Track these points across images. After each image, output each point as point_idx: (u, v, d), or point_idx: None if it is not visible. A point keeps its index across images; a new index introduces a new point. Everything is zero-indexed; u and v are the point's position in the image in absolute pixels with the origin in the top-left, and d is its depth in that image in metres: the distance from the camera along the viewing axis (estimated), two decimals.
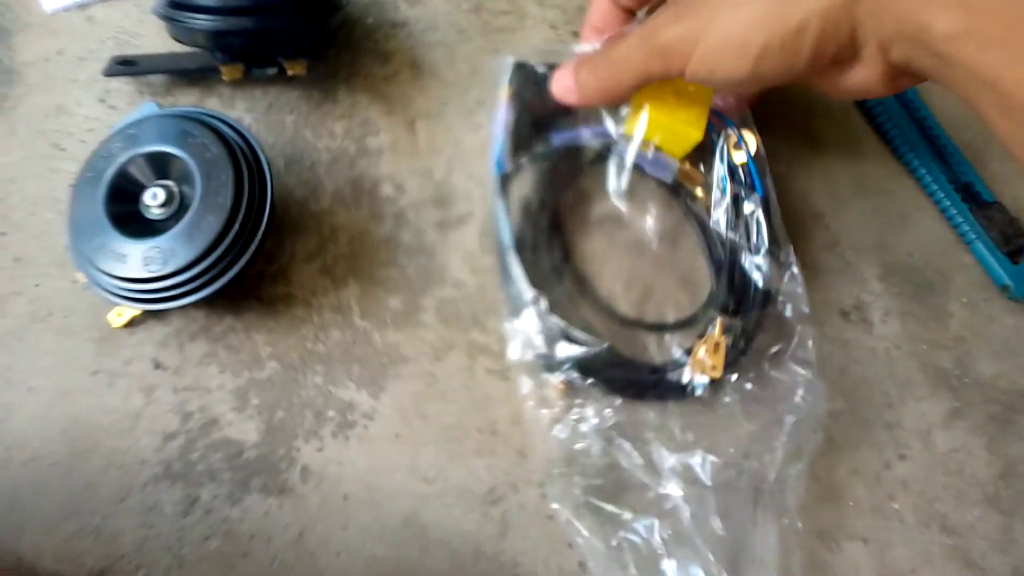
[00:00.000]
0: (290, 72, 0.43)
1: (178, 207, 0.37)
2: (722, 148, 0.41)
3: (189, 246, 0.36)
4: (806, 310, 0.40)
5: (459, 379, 0.41)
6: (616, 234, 0.44)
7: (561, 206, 0.44)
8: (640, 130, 0.38)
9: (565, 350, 0.38)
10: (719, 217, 0.41)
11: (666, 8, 0.33)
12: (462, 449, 0.39)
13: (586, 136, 0.42)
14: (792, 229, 0.45)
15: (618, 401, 0.39)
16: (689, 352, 0.40)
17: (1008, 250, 0.45)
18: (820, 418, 0.39)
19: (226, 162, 0.37)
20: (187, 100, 0.45)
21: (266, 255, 0.42)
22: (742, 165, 0.41)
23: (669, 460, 0.38)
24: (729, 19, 0.29)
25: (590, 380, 0.39)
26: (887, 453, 0.41)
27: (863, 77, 0.30)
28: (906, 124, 0.47)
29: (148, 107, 0.43)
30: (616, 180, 0.40)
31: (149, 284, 0.36)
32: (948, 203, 0.46)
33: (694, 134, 0.38)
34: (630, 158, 0.39)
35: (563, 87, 0.37)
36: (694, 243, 0.44)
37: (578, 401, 0.39)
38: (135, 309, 0.38)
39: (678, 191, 0.44)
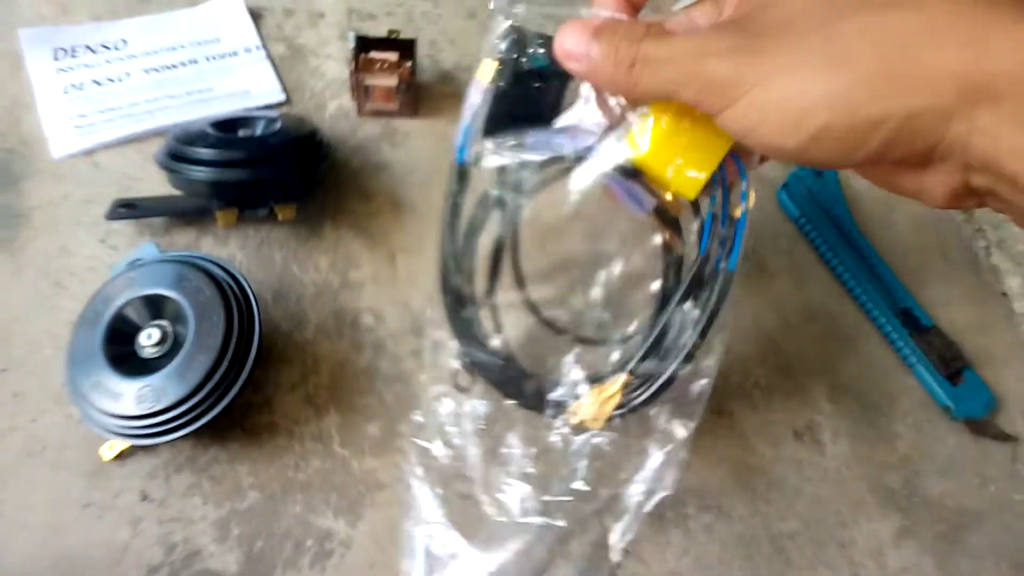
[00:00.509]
0: (280, 217, 0.47)
1: (171, 346, 0.40)
2: (722, 194, 0.36)
3: (180, 384, 0.38)
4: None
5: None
6: (570, 240, 0.42)
7: (516, 206, 0.40)
8: (640, 149, 0.32)
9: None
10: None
11: (727, 29, 0.26)
12: None
13: (565, 145, 0.35)
14: (746, 353, 0.49)
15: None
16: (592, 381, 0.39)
17: (948, 373, 0.48)
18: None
19: (218, 304, 0.40)
20: (184, 240, 0.49)
21: (252, 385, 0.44)
22: (733, 220, 0.37)
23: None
24: (794, 81, 0.24)
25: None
26: (842, 572, 0.43)
27: (926, 186, 0.26)
28: (846, 253, 0.52)
29: (147, 248, 0.47)
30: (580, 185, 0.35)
31: (141, 420, 0.38)
32: (889, 328, 0.50)
33: (700, 179, 0.33)
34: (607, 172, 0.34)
35: (572, 50, 0.29)
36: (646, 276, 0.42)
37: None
38: (126, 443, 0.40)
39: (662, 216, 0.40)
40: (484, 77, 0.36)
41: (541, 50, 0.34)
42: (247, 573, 0.40)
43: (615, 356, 0.41)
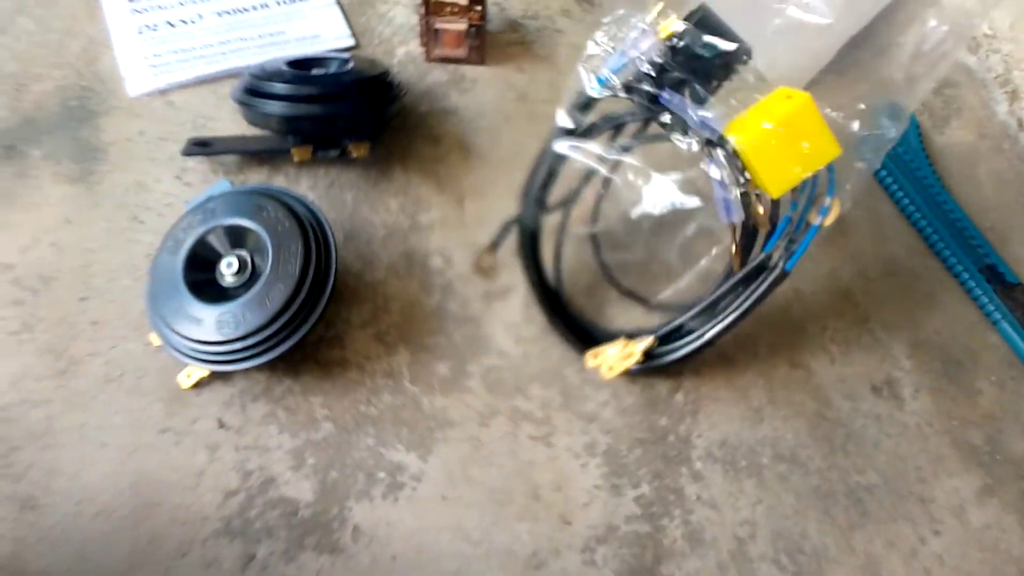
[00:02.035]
0: (354, 154, 0.46)
1: (250, 276, 0.40)
2: (805, 200, 0.40)
3: (259, 311, 0.39)
4: None
5: (503, 444, 0.42)
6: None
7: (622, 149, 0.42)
8: (749, 139, 0.36)
9: None
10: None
11: None
12: (506, 513, 0.41)
13: (691, 117, 0.37)
14: (822, 306, 0.47)
15: None
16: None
17: None
18: None
19: (296, 235, 0.40)
20: (256, 178, 0.49)
21: (324, 321, 0.44)
22: (807, 226, 0.40)
23: None
24: None
25: None
26: (922, 528, 0.42)
27: None
28: (929, 208, 0.50)
29: (222, 184, 0.47)
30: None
31: (221, 346, 0.39)
32: (973, 284, 0.48)
33: (796, 175, 0.36)
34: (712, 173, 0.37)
35: None
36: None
37: None
38: (205, 370, 0.41)
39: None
40: (661, 31, 0.37)
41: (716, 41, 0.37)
42: (321, 501, 0.40)
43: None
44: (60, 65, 0.52)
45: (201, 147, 0.48)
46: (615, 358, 0.43)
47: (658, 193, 0.39)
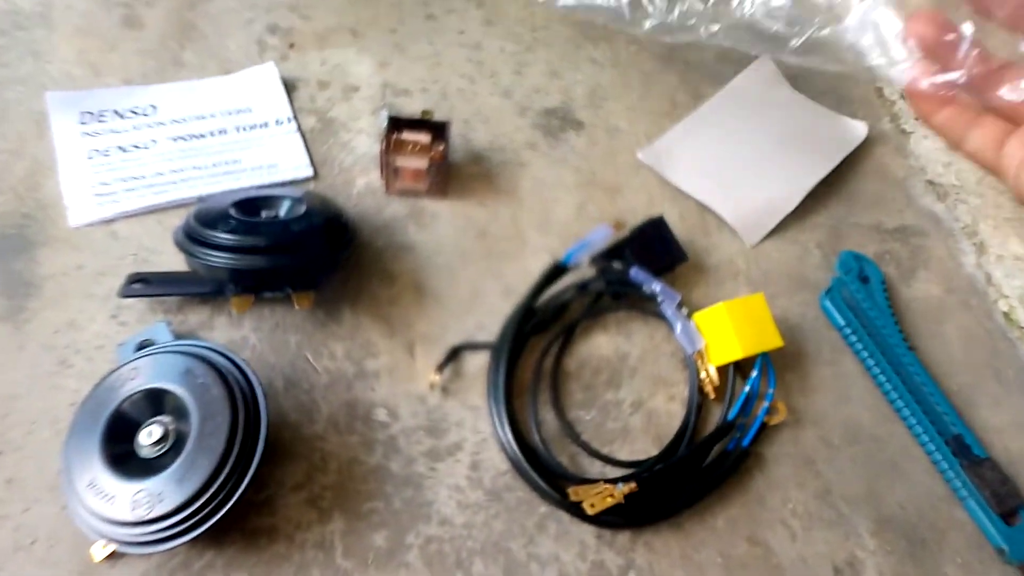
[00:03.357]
0: (297, 306, 0.44)
1: (172, 444, 0.38)
2: (749, 396, 0.47)
3: (178, 490, 0.36)
4: None
5: None
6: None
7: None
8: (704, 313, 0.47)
9: None
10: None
11: None
12: None
13: (656, 288, 0.49)
14: (783, 475, 0.45)
15: None
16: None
17: (1002, 511, 0.44)
18: None
19: (224, 404, 0.38)
20: (197, 318, 0.47)
21: (254, 484, 0.42)
22: (752, 415, 0.47)
23: None
24: None
25: None
26: None
27: None
28: (894, 371, 0.48)
29: (158, 328, 0.45)
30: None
31: (133, 528, 0.36)
32: (939, 456, 0.46)
33: (737, 352, 0.46)
34: (669, 311, 0.48)
35: (925, 89, 0.39)
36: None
37: None
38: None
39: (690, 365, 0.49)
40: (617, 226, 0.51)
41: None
42: None
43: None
44: (1, 190, 0.50)
45: (140, 286, 0.46)
46: (598, 498, 0.41)
47: None
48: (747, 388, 0.46)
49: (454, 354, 0.48)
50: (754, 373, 0.46)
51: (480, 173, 0.57)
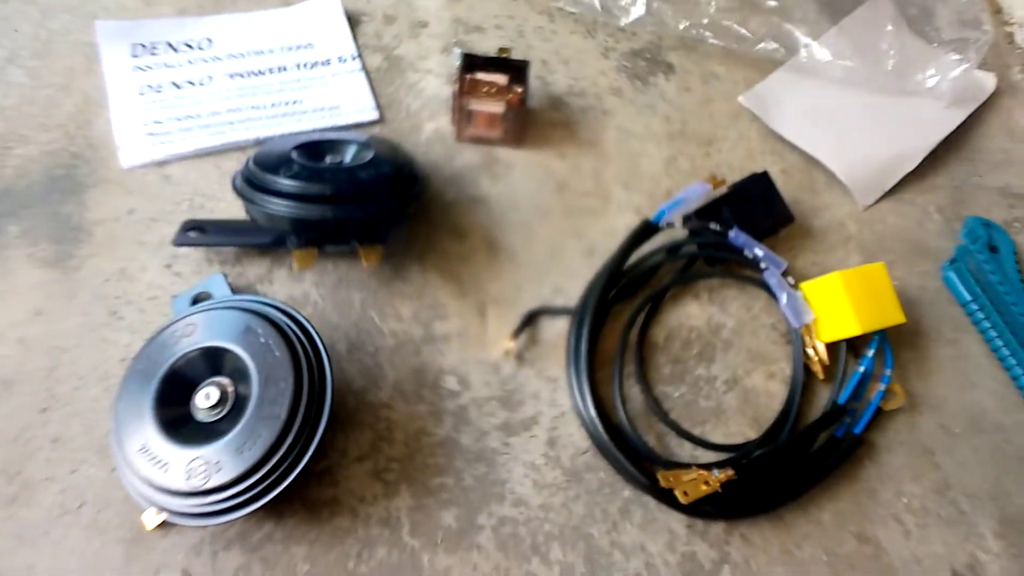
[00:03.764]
0: (364, 262, 0.40)
1: (230, 408, 0.35)
2: (863, 377, 0.42)
3: (237, 460, 0.33)
4: None
5: None
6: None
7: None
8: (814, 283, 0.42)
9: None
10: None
11: None
12: None
13: (759, 252, 0.44)
14: (898, 465, 0.41)
15: None
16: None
17: None
18: None
19: (288, 367, 0.34)
20: (255, 271, 0.43)
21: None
22: (865, 399, 0.42)
23: None
24: None
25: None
26: None
27: None
28: None
29: (215, 280, 0.41)
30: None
31: (189, 498, 0.33)
32: None
33: (854, 328, 0.40)
34: (773, 280, 0.43)
35: None
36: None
37: None
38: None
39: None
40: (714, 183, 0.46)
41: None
42: None
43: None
44: (49, 127, 0.47)
45: (195, 234, 0.42)
46: (692, 485, 0.37)
47: None
48: (861, 368, 0.41)
49: (530, 319, 0.43)
50: (869, 352, 0.41)
51: (559, 121, 0.51)
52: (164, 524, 0.36)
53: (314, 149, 0.42)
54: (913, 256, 0.47)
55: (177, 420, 0.34)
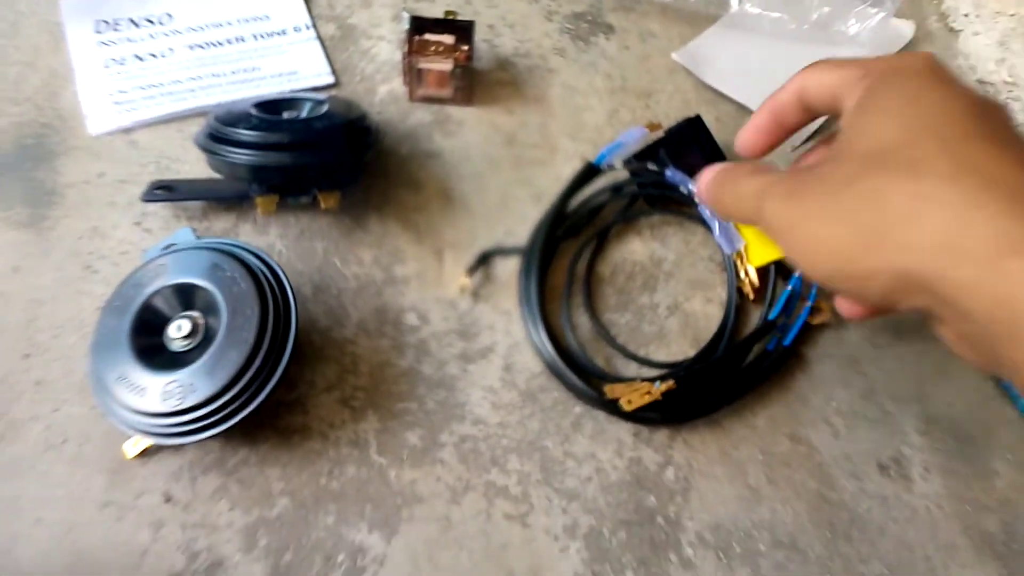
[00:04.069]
0: (323, 206, 0.43)
1: (202, 339, 0.37)
2: (791, 296, 0.45)
3: (209, 381, 0.35)
4: None
5: (475, 524, 0.39)
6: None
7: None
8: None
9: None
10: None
11: (793, 175, 0.31)
12: None
13: (688, 185, 0.45)
14: (827, 374, 0.44)
15: None
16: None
17: None
18: None
19: (253, 297, 0.37)
20: (221, 225, 0.46)
21: (286, 384, 0.41)
22: (794, 316, 0.45)
23: None
24: (815, 228, 0.28)
25: None
26: None
27: (948, 338, 0.30)
28: None
29: (183, 233, 0.44)
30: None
31: (166, 419, 0.35)
32: None
33: (778, 250, 0.39)
34: (707, 212, 0.42)
35: (701, 185, 0.37)
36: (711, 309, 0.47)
37: None
38: (150, 442, 0.37)
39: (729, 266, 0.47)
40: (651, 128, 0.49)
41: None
42: None
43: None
44: (18, 100, 0.49)
45: (163, 192, 0.45)
46: (635, 394, 0.40)
47: None
48: (789, 288, 0.45)
49: (484, 259, 0.46)
50: (797, 272, 0.45)
51: (507, 80, 0.55)
52: (144, 453, 0.39)
53: (272, 106, 0.45)
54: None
55: (151, 350, 0.37)
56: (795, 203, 0.29)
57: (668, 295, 0.47)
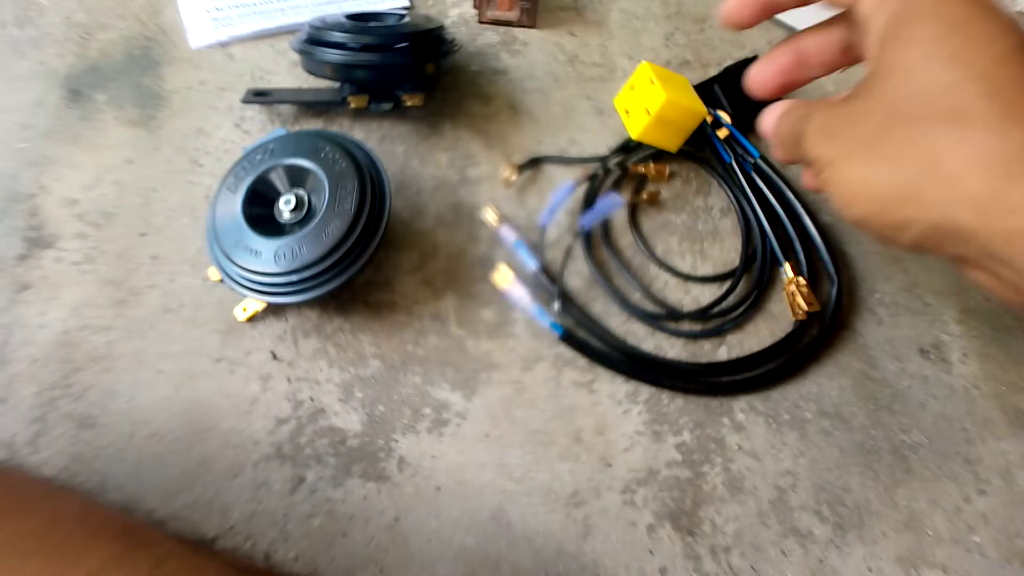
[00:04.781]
0: (408, 103, 0.47)
1: (306, 213, 0.42)
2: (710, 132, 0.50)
3: (315, 246, 0.40)
4: None
5: (546, 388, 0.43)
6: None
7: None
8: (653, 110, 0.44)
9: None
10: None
11: (832, 109, 0.30)
12: (548, 453, 0.41)
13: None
14: (871, 270, 0.47)
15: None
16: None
17: None
18: None
19: (352, 175, 0.41)
20: (312, 128, 0.50)
21: (374, 266, 0.45)
22: (726, 137, 0.50)
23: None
24: (853, 168, 0.28)
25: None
26: (967, 487, 0.41)
27: (983, 282, 0.29)
28: None
29: (278, 133, 0.48)
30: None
31: (278, 278, 0.40)
32: None
33: (701, 108, 0.45)
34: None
35: (765, 123, 0.36)
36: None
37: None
38: (261, 302, 0.42)
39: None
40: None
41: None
42: (369, 432, 0.41)
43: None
44: (125, 16, 0.54)
45: (260, 96, 0.49)
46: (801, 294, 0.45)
47: None
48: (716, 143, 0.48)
49: (535, 161, 0.50)
50: None
51: (569, 5, 0.58)
52: (252, 318, 0.43)
53: (361, 18, 0.49)
54: None
55: (263, 220, 0.41)
56: (835, 142, 0.29)
57: (719, 202, 0.50)
